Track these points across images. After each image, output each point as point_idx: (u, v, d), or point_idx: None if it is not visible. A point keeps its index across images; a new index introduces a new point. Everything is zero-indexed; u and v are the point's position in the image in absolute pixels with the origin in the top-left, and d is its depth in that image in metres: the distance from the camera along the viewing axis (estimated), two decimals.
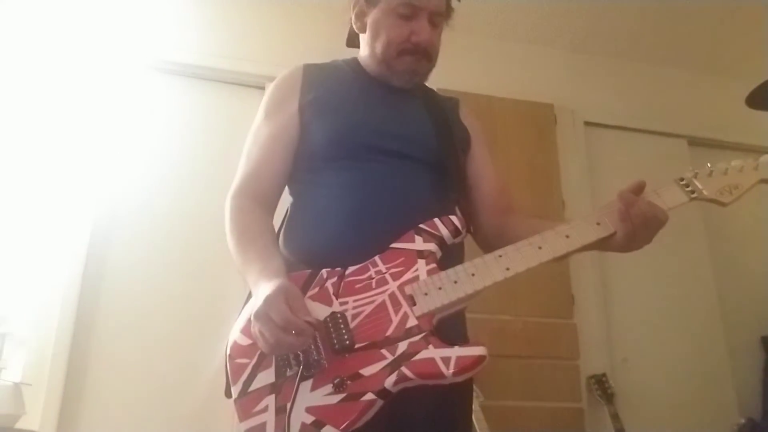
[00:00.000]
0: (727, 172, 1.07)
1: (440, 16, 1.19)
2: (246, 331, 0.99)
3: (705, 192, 1.05)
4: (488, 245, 1.08)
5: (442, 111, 1.25)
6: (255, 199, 1.13)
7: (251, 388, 0.95)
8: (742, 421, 2.69)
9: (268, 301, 0.89)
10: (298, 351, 0.93)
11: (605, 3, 2.94)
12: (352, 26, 1.27)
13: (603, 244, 1.03)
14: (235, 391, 0.96)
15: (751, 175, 1.08)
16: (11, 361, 2.11)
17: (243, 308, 1.06)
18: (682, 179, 1.06)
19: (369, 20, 1.20)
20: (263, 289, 0.93)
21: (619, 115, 3.22)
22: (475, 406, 2.27)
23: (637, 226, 0.98)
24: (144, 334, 2.33)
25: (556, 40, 3.20)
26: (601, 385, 2.55)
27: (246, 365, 0.97)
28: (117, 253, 2.43)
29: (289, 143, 1.16)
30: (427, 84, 1.29)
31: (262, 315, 0.89)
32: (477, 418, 2.23)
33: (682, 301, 2.94)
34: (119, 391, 2.26)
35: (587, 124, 3.15)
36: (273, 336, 0.88)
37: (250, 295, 1.05)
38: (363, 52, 1.24)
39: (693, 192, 1.05)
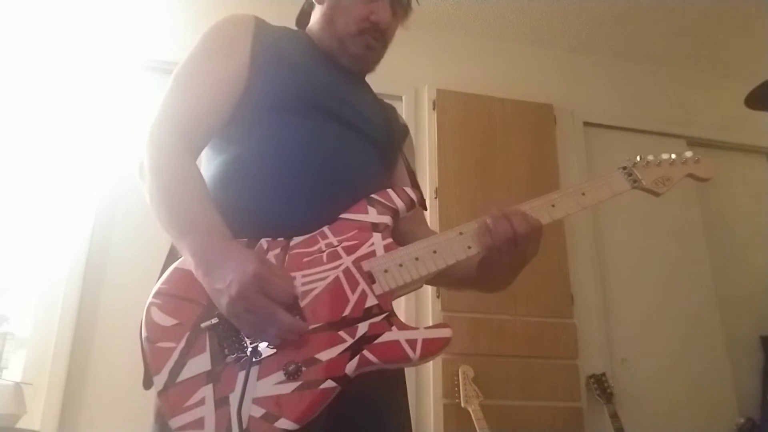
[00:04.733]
0: (660, 164, 1.09)
1: (400, 5, 1.16)
2: (167, 309, 0.86)
3: (644, 182, 1.06)
4: None
5: (384, 106, 1.23)
6: (188, 143, 0.98)
7: (181, 378, 0.81)
8: (742, 420, 2.69)
9: (259, 276, 0.80)
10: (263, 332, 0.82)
11: (605, 4, 2.94)
12: (306, 3, 1.24)
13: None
14: (159, 381, 0.81)
15: (680, 169, 1.09)
16: (12, 360, 2.12)
17: (160, 276, 0.91)
18: (624, 168, 1.08)
19: None
20: (236, 258, 0.82)
21: (618, 116, 3.22)
22: (475, 405, 2.28)
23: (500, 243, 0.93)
24: None
25: (556, 40, 3.21)
26: (600, 384, 2.55)
27: (171, 350, 0.82)
28: (118, 252, 2.43)
29: (236, 90, 1.03)
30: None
31: (251, 293, 0.79)
32: (477, 418, 2.24)
33: (682, 300, 2.95)
34: (120, 391, 2.26)
35: (586, 124, 3.16)
36: (267, 313, 0.80)
37: (169, 259, 0.93)
38: (315, 25, 1.18)
39: (635, 181, 1.06)
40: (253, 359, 0.82)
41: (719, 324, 2.96)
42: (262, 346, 0.82)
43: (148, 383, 0.84)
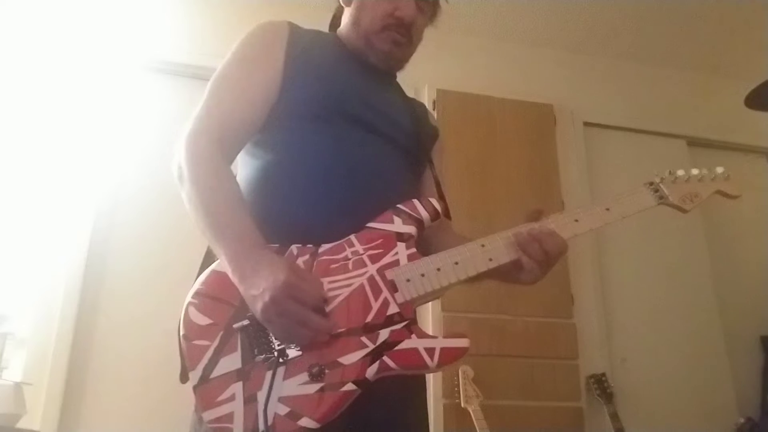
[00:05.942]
0: (688, 180, 1.09)
1: (426, 2, 1.18)
2: (204, 309, 0.91)
3: (670, 198, 1.07)
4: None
5: (414, 106, 1.25)
6: (223, 149, 1.01)
7: (214, 375, 0.86)
8: (742, 420, 2.70)
9: (289, 283, 0.83)
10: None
11: (605, 3, 2.94)
12: (337, 8, 1.27)
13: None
14: (194, 376, 0.87)
15: (709, 185, 1.11)
16: (12, 360, 2.11)
17: (198, 277, 0.96)
18: (651, 183, 1.08)
19: None
20: (267, 265, 0.86)
21: (618, 116, 3.22)
22: (475, 405, 2.28)
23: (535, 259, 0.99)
24: (145, 333, 2.34)
25: (556, 40, 3.21)
26: (600, 384, 2.55)
27: (206, 348, 0.88)
28: (118, 252, 2.43)
29: (269, 97, 1.06)
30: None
31: (283, 299, 0.83)
32: (477, 418, 2.24)
33: (682, 300, 2.95)
34: (120, 391, 2.26)
35: (586, 124, 3.15)
36: (298, 316, 0.84)
37: (206, 261, 0.98)
38: (344, 27, 1.22)
39: (661, 197, 1.07)
40: (280, 360, 0.86)
41: (719, 324, 2.96)
42: (290, 348, 0.87)
43: (184, 378, 0.91)
